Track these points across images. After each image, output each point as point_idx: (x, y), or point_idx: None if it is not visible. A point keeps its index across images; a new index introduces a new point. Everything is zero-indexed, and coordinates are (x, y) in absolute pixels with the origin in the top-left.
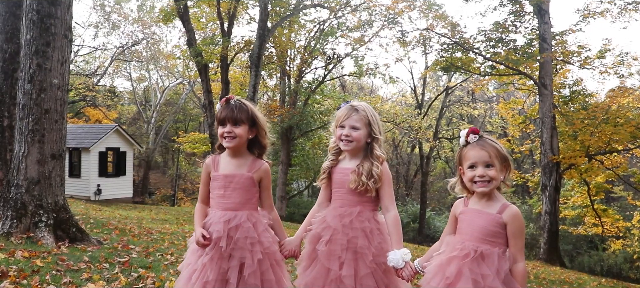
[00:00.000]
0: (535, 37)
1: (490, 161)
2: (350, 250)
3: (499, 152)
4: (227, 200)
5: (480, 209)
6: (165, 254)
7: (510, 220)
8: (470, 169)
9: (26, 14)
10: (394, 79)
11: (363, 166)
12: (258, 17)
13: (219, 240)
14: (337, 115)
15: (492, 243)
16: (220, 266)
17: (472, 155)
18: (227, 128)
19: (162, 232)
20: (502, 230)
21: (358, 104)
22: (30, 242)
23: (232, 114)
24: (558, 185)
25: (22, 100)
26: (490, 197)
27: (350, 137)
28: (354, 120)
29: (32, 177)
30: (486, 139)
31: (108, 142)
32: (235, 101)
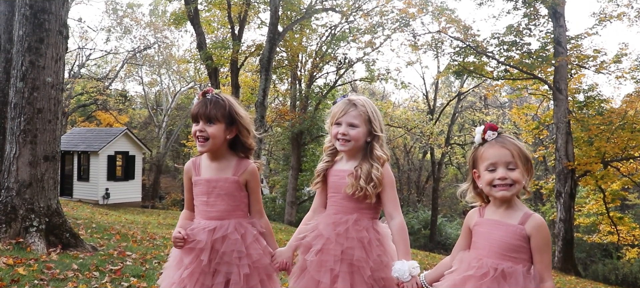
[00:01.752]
0: (550, 40)
1: (513, 161)
2: (345, 262)
3: (521, 151)
4: (211, 208)
5: (499, 219)
6: (162, 262)
7: (535, 232)
8: (489, 171)
9: (19, 9)
10: (406, 84)
11: (361, 168)
12: (269, 21)
13: (201, 253)
14: (333, 110)
15: (515, 260)
16: (202, 283)
17: (492, 155)
18: (200, 126)
19: (165, 238)
20: (526, 244)
21: (356, 98)
22: (19, 248)
23: (205, 110)
24: (573, 192)
25: (13, 99)
26: (509, 205)
27: (348, 135)
28: (352, 116)
29: (23, 180)
30: (506, 137)
31: (117, 145)
32: (212, 95)
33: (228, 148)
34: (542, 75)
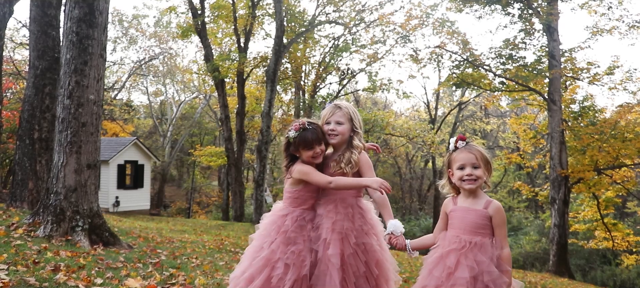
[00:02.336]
0: (545, 54)
1: (476, 163)
2: (335, 232)
3: (483, 155)
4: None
5: (469, 206)
6: (190, 258)
7: (495, 212)
8: (459, 170)
9: (67, 36)
10: (407, 94)
11: (343, 155)
12: (274, 34)
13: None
14: (323, 114)
15: (482, 235)
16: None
17: (461, 158)
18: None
19: (182, 241)
20: (488, 223)
21: (340, 103)
22: (69, 244)
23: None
24: (567, 198)
25: (61, 115)
26: (475, 195)
27: (336, 131)
28: (338, 116)
29: (69, 185)
30: (472, 145)
31: (126, 154)
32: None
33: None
34: (537, 87)
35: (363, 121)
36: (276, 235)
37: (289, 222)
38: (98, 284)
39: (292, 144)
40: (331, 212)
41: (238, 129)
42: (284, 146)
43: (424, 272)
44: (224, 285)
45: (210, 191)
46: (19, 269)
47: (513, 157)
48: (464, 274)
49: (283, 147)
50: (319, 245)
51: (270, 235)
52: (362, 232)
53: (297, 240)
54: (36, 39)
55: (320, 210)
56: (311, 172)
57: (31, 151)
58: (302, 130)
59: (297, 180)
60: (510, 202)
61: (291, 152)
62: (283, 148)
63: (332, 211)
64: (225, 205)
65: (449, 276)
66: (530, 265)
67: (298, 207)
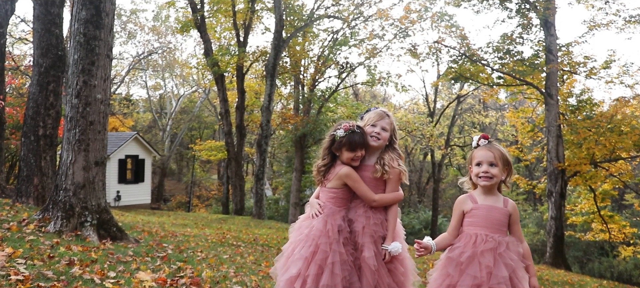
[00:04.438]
0: (542, 48)
1: (494, 161)
2: (366, 235)
3: (502, 155)
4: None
5: (492, 204)
6: (195, 251)
7: (513, 210)
8: (477, 166)
9: (74, 37)
10: (406, 87)
11: (383, 158)
12: (273, 28)
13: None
14: (369, 116)
15: (503, 232)
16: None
17: (480, 155)
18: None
19: (185, 235)
20: (507, 220)
21: (388, 111)
22: (79, 239)
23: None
24: (563, 191)
25: (69, 113)
26: (493, 193)
27: (380, 136)
28: (386, 123)
29: (78, 182)
30: (494, 144)
31: (127, 149)
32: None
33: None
34: (534, 82)
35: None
36: (330, 236)
37: (340, 221)
38: (111, 277)
39: (337, 143)
40: (361, 216)
41: (238, 123)
42: (326, 143)
43: (451, 271)
44: (230, 278)
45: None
46: (36, 263)
47: (511, 149)
48: (504, 273)
49: (325, 143)
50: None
51: (325, 236)
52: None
53: (346, 242)
54: (40, 37)
55: (351, 213)
56: (359, 183)
57: (36, 148)
58: (351, 132)
59: (341, 182)
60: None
61: (332, 150)
62: (325, 145)
63: (362, 216)
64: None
65: (490, 275)
66: None
67: (342, 207)
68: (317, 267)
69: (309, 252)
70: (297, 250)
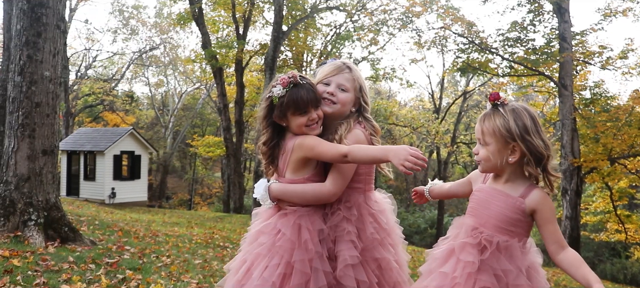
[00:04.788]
0: (555, 36)
1: (481, 139)
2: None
3: (499, 129)
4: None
5: (501, 190)
6: (161, 256)
7: (537, 204)
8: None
9: (16, 4)
10: (411, 83)
11: (337, 130)
12: (273, 20)
13: None
14: (324, 69)
15: (511, 234)
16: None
17: (475, 129)
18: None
19: (168, 235)
20: (523, 218)
21: (350, 63)
22: (17, 241)
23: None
24: (579, 189)
25: (12, 93)
26: (510, 178)
27: (336, 97)
28: (344, 78)
29: (21, 174)
30: (497, 111)
31: (123, 145)
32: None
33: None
34: (547, 72)
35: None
36: (309, 249)
37: (319, 223)
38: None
39: (277, 108)
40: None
41: (237, 118)
42: (263, 111)
43: (432, 267)
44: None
45: (212, 182)
46: None
47: None
48: (491, 280)
49: (262, 113)
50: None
51: (302, 249)
52: (374, 243)
53: (331, 254)
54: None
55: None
56: (319, 144)
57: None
58: (293, 85)
59: (300, 162)
60: None
61: (274, 120)
62: (262, 115)
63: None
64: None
65: (470, 277)
66: None
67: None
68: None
69: (276, 274)
70: (256, 272)
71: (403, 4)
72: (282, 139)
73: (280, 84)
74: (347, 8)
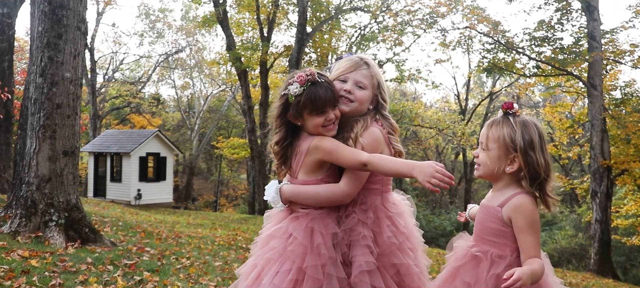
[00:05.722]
0: (584, 35)
1: (484, 143)
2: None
3: (504, 137)
4: None
5: (486, 202)
6: (181, 257)
7: (513, 212)
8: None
9: (38, 6)
10: (437, 84)
11: (352, 128)
12: (297, 22)
13: None
14: (340, 65)
15: (500, 245)
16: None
17: (480, 133)
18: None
19: (191, 236)
20: (505, 228)
21: (368, 58)
22: (38, 241)
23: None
24: (609, 191)
25: (33, 95)
26: (501, 187)
27: (353, 95)
28: (362, 75)
29: (43, 175)
30: (507, 120)
31: (148, 147)
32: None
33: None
34: (575, 72)
35: (391, 112)
36: (322, 255)
37: (333, 227)
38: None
39: (293, 106)
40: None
41: (261, 120)
42: (277, 110)
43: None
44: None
45: (237, 184)
46: None
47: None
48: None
49: (276, 111)
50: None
51: (314, 254)
52: (392, 248)
53: (345, 259)
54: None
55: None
56: (337, 148)
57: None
58: (311, 84)
59: (315, 164)
60: None
61: (288, 119)
62: (276, 114)
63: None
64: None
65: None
66: (566, 262)
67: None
68: None
69: (287, 280)
70: (267, 277)
71: (428, 4)
72: (296, 138)
73: (297, 81)
74: (371, 9)
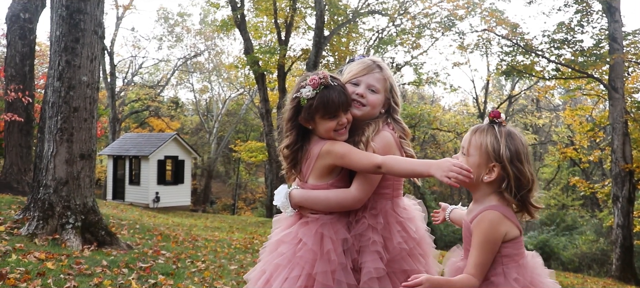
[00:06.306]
0: (605, 37)
1: (466, 148)
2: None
3: (486, 145)
4: None
5: (465, 215)
6: (196, 261)
7: (475, 225)
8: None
9: (56, 10)
10: (455, 87)
11: (363, 131)
12: (314, 25)
13: None
14: (352, 68)
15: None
16: None
17: (463, 138)
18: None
19: (208, 239)
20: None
21: (381, 61)
22: (54, 244)
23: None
24: (632, 196)
25: (51, 98)
26: (478, 198)
27: (365, 99)
28: (375, 79)
29: (60, 177)
30: (492, 128)
31: (167, 150)
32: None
33: None
34: (596, 74)
35: (409, 116)
36: (332, 261)
37: (343, 233)
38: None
39: (304, 109)
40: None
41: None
42: (289, 113)
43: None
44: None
45: (255, 187)
46: None
47: (568, 151)
48: None
49: (287, 114)
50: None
51: (324, 260)
52: (403, 254)
53: (355, 265)
54: None
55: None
56: (349, 152)
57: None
58: (324, 87)
59: (327, 169)
60: (564, 200)
61: (300, 123)
62: (287, 117)
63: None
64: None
65: None
66: (587, 267)
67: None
68: None
69: (296, 286)
70: (275, 283)
71: (446, 7)
72: (307, 142)
73: (310, 84)
74: (389, 12)
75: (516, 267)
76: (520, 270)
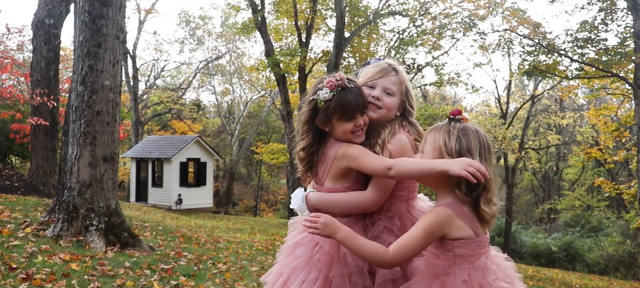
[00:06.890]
0: (630, 35)
1: (422, 146)
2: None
3: (438, 142)
4: None
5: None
6: (218, 262)
7: (422, 215)
8: None
9: (78, 16)
10: (477, 88)
11: (379, 134)
12: (335, 27)
13: None
14: (368, 70)
15: (439, 257)
16: None
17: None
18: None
19: (229, 241)
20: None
21: (397, 64)
22: (79, 245)
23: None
24: None
25: (74, 102)
26: (439, 195)
27: (382, 102)
28: (391, 82)
29: (83, 180)
30: (447, 125)
31: (189, 152)
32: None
33: None
34: (621, 73)
35: (431, 117)
36: (348, 264)
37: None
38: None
39: (321, 112)
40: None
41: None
42: (305, 115)
43: None
44: None
45: (277, 189)
46: None
47: (593, 151)
48: None
49: (304, 116)
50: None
51: (341, 263)
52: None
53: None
54: None
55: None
56: (363, 155)
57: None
58: (341, 89)
59: (342, 171)
60: (589, 201)
61: (316, 125)
62: (304, 119)
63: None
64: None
65: None
66: (613, 270)
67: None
68: None
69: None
70: (293, 286)
71: (466, 7)
72: (323, 145)
73: (327, 86)
74: (409, 13)
75: (469, 267)
76: (473, 271)
